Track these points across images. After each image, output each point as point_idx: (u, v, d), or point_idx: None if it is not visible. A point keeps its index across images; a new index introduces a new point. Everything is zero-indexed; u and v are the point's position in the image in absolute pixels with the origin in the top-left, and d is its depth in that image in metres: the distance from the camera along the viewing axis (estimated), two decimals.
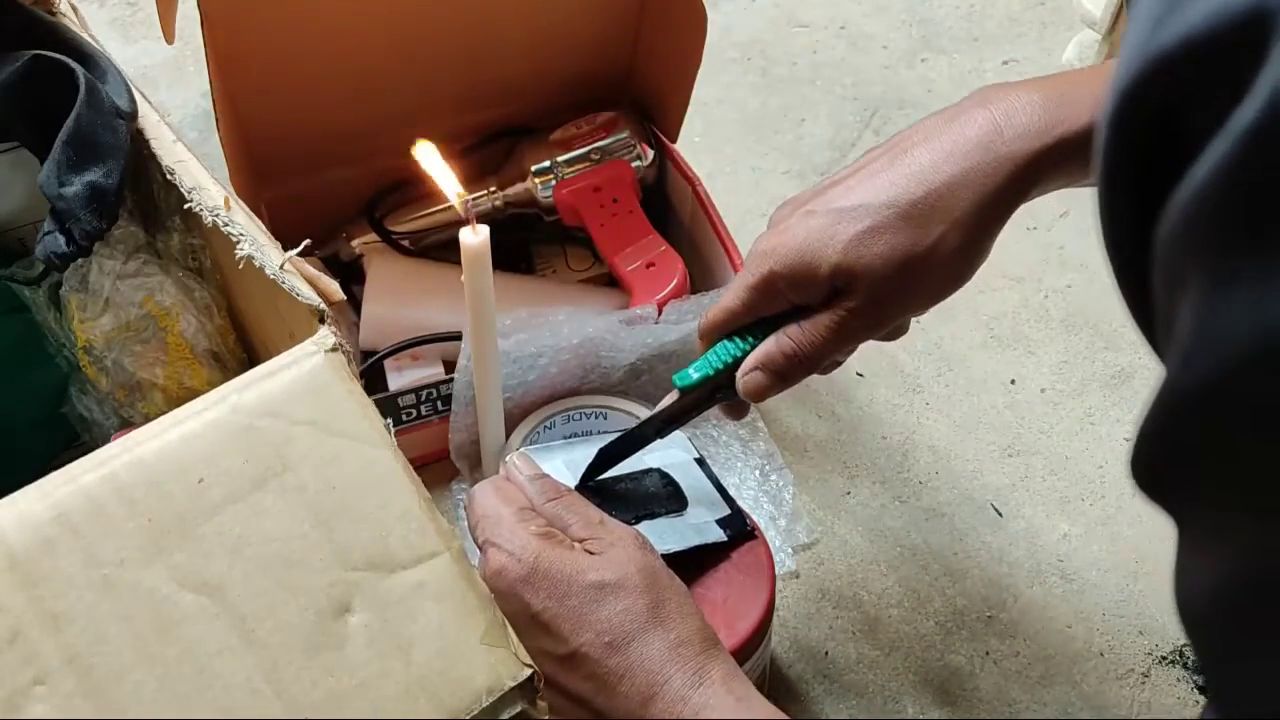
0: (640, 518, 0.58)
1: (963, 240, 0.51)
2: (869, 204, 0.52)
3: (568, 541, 0.51)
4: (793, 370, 0.55)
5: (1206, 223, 0.22)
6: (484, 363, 0.65)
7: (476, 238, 0.58)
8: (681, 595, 0.50)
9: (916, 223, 0.51)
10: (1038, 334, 0.86)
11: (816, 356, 0.54)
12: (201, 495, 0.41)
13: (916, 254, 0.51)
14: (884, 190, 0.52)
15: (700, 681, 0.46)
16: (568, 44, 0.84)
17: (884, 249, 0.51)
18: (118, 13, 1.17)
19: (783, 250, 0.53)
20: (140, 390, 0.66)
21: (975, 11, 1.14)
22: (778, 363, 0.54)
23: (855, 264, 0.51)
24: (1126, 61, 0.24)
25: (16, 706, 0.37)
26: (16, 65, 0.59)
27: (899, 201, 0.51)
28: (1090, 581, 0.73)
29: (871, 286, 0.52)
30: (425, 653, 0.41)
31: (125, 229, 0.64)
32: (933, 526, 0.76)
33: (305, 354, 0.44)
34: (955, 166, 0.51)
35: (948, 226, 0.51)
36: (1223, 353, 0.23)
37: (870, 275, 0.51)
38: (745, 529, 0.60)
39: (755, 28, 1.13)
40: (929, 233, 0.51)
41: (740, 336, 0.57)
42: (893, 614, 0.71)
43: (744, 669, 0.59)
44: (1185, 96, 0.23)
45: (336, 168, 0.83)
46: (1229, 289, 0.22)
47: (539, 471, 0.55)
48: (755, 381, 0.55)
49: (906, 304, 0.54)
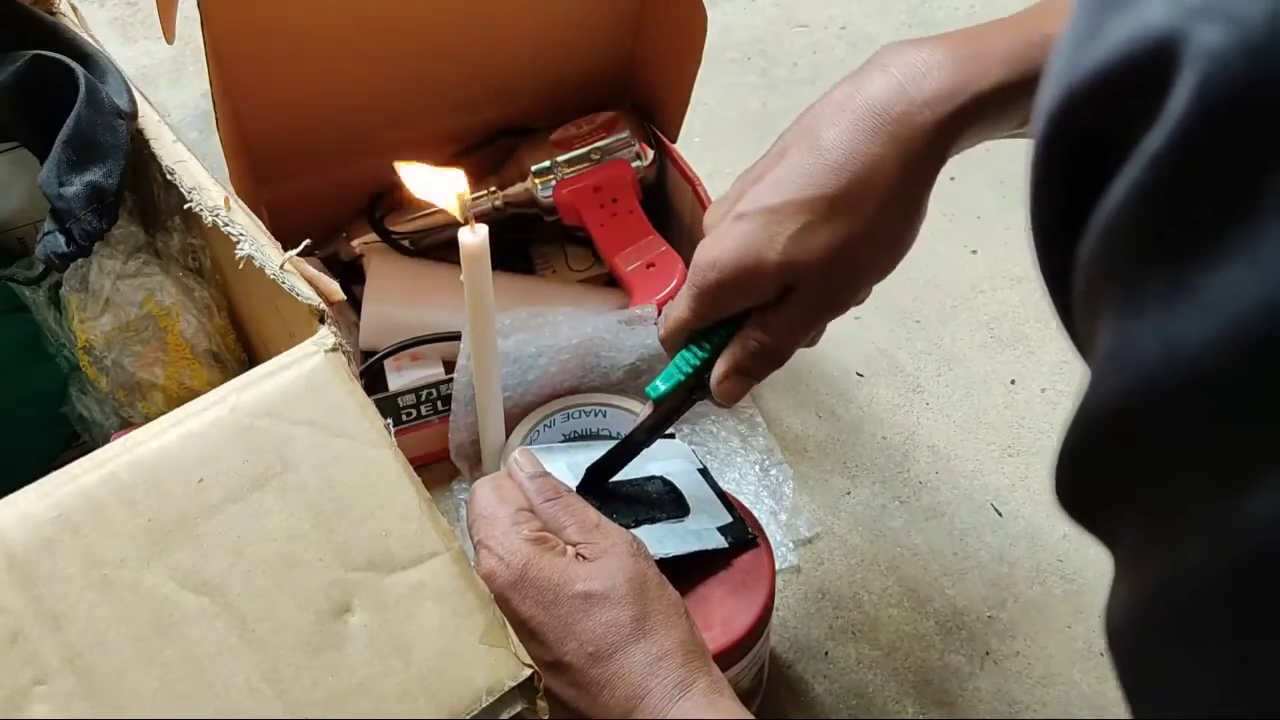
0: (640, 522, 0.58)
1: (896, 212, 0.52)
2: (797, 199, 0.52)
3: (560, 547, 0.51)
4: (764, 368, 0.55)
5: (1119, 245, 0.23)
6: (484, 363, 0.65)
7: (476, 237, 0.58)
8: (670, 606, 0.50)
9: (848, 209, 0.51)
10: (1038, 334, 0.86)
11: (784, 350, 0.55)
12: (201, 495, 0.41)
13: (856, 237, 0.52)
14: (809, 183, 0.52)
15: (681, 694, 0.46)
16: (568, 44, 0.84)
17: (824, 240, 0.52)
18: (118, 13, 1.17)
19: (724, 259, 0.53)
20: (140, 390, 0.66)
21: (975, 12, 1.14)
22: (747, 365, 0.55)
23: (799, 260, 0.52)
24: (1052, 86, 0.24)
25: (16, 706, 0.37)
26: (16, 65, 0.59)
27: (827, 193, 0.52)
28: (1090, 581, 0.73)
29: (821, 277, 0.52)
30: (425, 653, 0.41)
31: (125, 229, 0.64)
32: (933, 526, 0.76)
33: (305, 354, 0.44)
34: (873, 146, 0.51)
35: (878, 206, 0.51)
36: (1132, 372, 0.23)
37: (817, 267, 0.52)
38: (747, 537, 0.60)
39: (755, 28, 1.13)
40: (863, 215, 0.51)
41: (701, 342, 0.57)
42: (893, 614, 0.71)
43: (742, 666, 0.59)
44: (1105, 122, 0.23)
45: (336, 168, 0.83)
46: (1139, 310, 0.23)
47: (540, 470, 0.55)
48: (730, 388, 0.56)
49: (858, 282, 0.55)
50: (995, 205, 0.96)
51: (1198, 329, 0.21)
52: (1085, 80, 0.23)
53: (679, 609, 0.50)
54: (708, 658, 0.49)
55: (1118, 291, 0.23)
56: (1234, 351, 0.21)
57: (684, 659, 0.48)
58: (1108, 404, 0.24)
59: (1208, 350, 0.21)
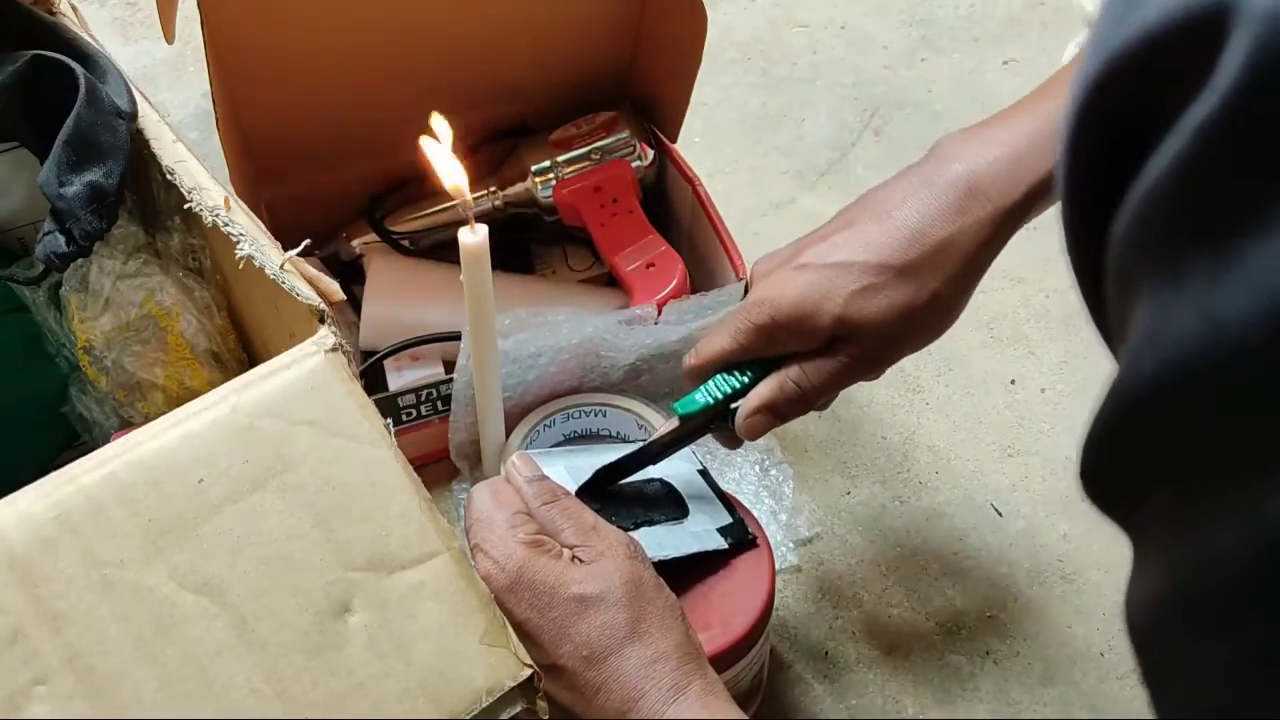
0: (639, 524, 0.58)
1: (954, 291, 0.56)
2: (865, 262, 0.55)
3: (556, 550, 0.51)
4: (793, 412, 0.58)
5: (1159, 219, 0.22)
6: (484, 363, 0.65)
7: (476, 237, 0.58)
8: (666, 608, 0.50)
9: (912, 280, 0.55)
10: (1038, 334, 0.86)
11: (815, 399, 0.58)
12: (201, 495, 0.41)
13: (914, 307, 0.55)
14: (878, 249, 0.56)
15: (676, 697, 0.47)
16: (568, 44, 0.84)
17: (884, 303, 0.55)
18: (118, 13, 1.17)
19: (782, 301, 0.56)
20: (140, 390, 0.66)
21: (975, 11, 1.14)
22: (780, 406, 0.58)
23: (857, 316, 0.55)
24: (1089, 59, 0.24)
25: (16, 706, 0.37)
26: (16, 65, 0.59)
27: (895, 261, 0.55)
28: (1090, 581, 0.73)
29: (873, 336, 0.56)
30: (425, 653, 0.41)
31: (125, 229, 0.64)
32: (933, 526, 0.76)
33: (305, 354, 0.44)
34: (943, 229, 0.55)
35: (941, 282, 0.55)
36: (1169, 350, 0.22)
37: (871, 326, 0.55)
38: (747, 537, 0.60)
39: (755, 28, 1.13)
40: (924, 288, 0.55)
41: (735, 373, 0.59)
42: (893, 614, 0.71)
43: (742, 666, 0.59)
44: (1144, 93, 0.23)
45: (336, 168, 0.83)
46: (1178, 285, 0.22)
47: (538, 473, 0.55)
48: (756, 424, 0.58)
49: (903, 349, 0.58)
50: None
51: (1241, 304, 0.21)
52: (1127, 48, 0.22)
53: (675, 611, 0.50)
54: (703, 660, 0.49)
55: (1156, 267, 0.23)
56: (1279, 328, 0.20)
57: (679, 662, 0.48)
58: (1142, 383, 0.24)
59: (1251, 326, 0.20)
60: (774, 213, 0.96)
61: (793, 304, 0.56)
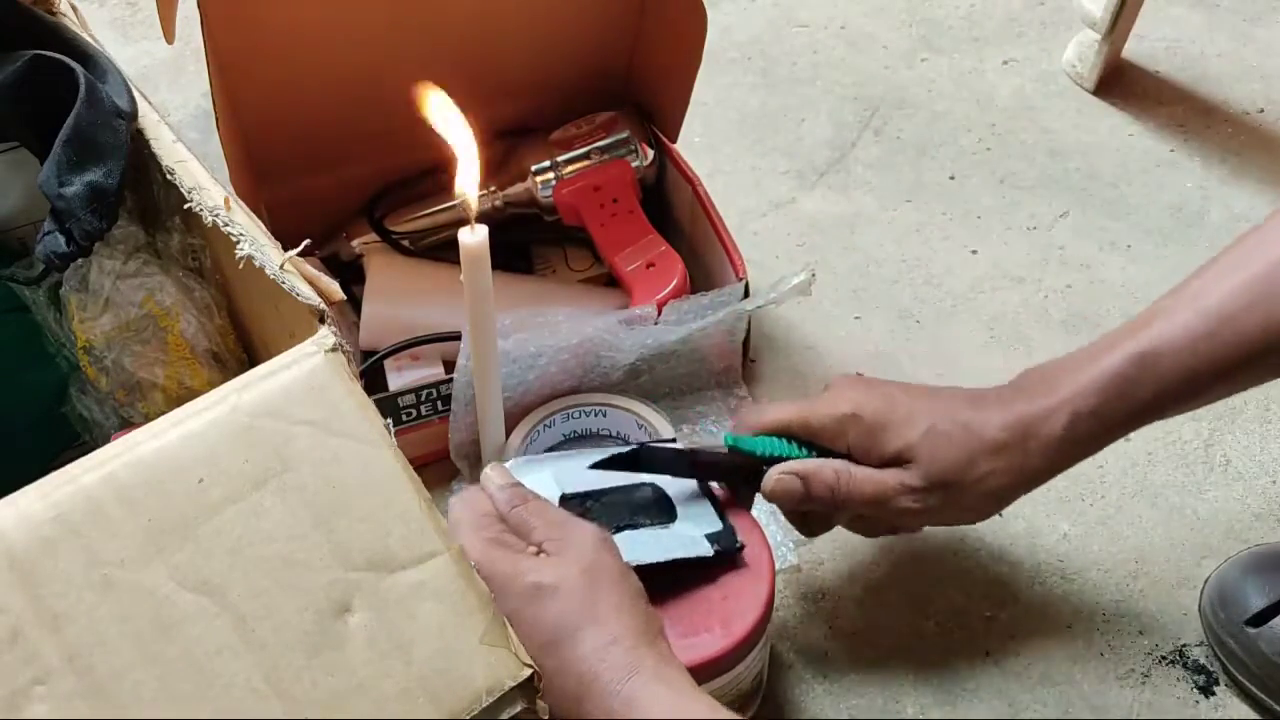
0: (622, 528, 0.59)
1: (1007, 486, 0.60)
2: (961, 412, 0.60)
3: (518, 546, 0.52)
4: (819, 498, 0.60)
5: None
6: (484, 363, 0.65)
7: (476, 237, 0.58)
8: (624, 593, 0.51)
9: (1004, 465, 0.59)
10: (1038, 334, 0.86)
11: (846, 503, 0.60)
12: (201, 495, 0.41)
13: (973, 476, 0.59)
14: (974, 417, 0.60)
15: (630, 675, 0.47)
16: (568, 44, 0.84)
17: (957, 453, 0.59)
18: (118, 13, 1.17)
19: (869, 405, 0.60)
20: (140, 390, 0.66)
21: (975, 11, 1.14)
22: (812, 480, 0.60)
23: (927, 448, 0.59)
24: None
25: (16, 706, 0.37)
26: (16, 65, 0.59)
27: (985, 432, 0.59)
28: (1090, 581, 0.73)
29: (927, 474, 0.59)
30: (425, 653, 0.41)
31: (125, 229, 0.64)
32: (933, 526, 0.76)
33: (305, 354, 0.44)
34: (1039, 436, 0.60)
35: (1011, 478, 0.60)
36: None
37: (933, 465, 0.59)
38: (735, 545, 0.60)
39: (755, 28, 1.13)
40: (1007, 476, 0.60)
41: (794, 444, 0.62)
42: (893, 614, 0.71)
43: (742, 667, 0.59)
44: None
45: (336, 168, 0.83)
46: None
47: (510, 480, 0.57)
48: (787, 485, 0.60)
49: (943, 509, 0.60)
50: (995, 205, 0.96)
51: None
52: None
53: (635, 596, 0.51)
54: (660, 640, 0.50)
55: None
56: None
57: (633, 643, 0.48)
58: None
59: None
60: (774, 213, 0.96)
61: (878, 410, 0.59)
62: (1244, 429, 0.80)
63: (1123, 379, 0.58)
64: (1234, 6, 1.14)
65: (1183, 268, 0.92)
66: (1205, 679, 0.68)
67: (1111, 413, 0.58)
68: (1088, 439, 0.60)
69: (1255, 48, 1.10)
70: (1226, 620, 0.67)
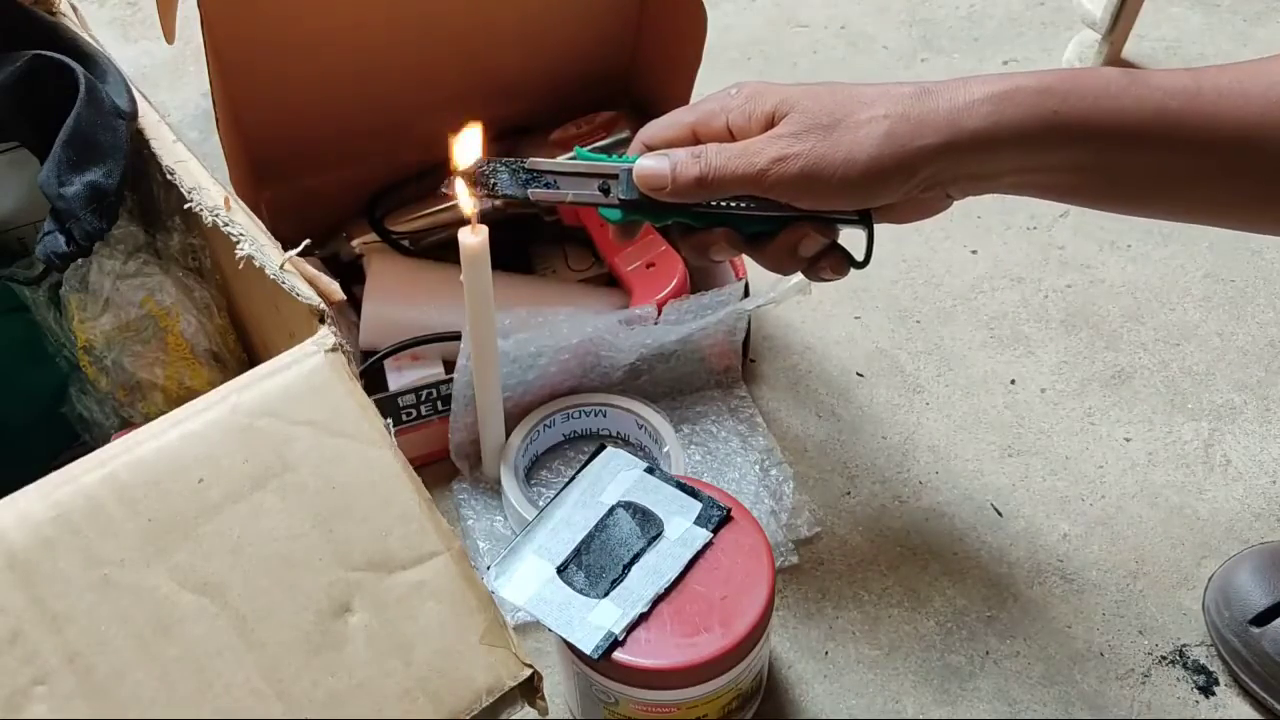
0: (628, 567, 0.58)
1: (897, 133, 0.52)
2: (822, 94, 0.54)
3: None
4: (685, 178, 0.54)
5: None
6: (484, 362, 0.65)
7: (476, 238, 0.58)
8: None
9: (875, 101, 0.53)
10: (1038, 334, 0.86)
11: (719, 175, 0.54)
12: (201, 495, 0.41)
13: (856, 117, 0.52)
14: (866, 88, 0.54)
15: None
16: (568, 44, 0.84)
17: (840, 98, 0.53)
18: (118, 13, 1.17)
19: (755, 85, 0.55)
20: (140, 390, 0.66)
21: (975, 11, 1.14)
22: (678, 155, 0.54)
23: (810, 97, 0.53)
24: None
25: (16, 706, 0.37)
26: (16, 65, 0.59)
27: (872, 88, 0.54)
28: (1090, 581, 0.73)
29: (801, 119, 0.53)
30: (425, 653, 0.41)
31: (125, 229, 0.64)
32: (933, 526, 0.76)
33: (305, 354, 0.44)
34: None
35: (897, 120, 0.52)
36: None
37: (809, 111, 0.53)
38: (723, 514, 0.60)
39: (755, 28, 1.13)
40: (888, 111, 0.52)
41: None
42: (893, 614, 0.71)
43: (742, 667, 0.59)
44: None
45: (336, 168, 0.83)
46: None
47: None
48: (651, 166, 0.54)
49: (823, 158, 0.52)
50: (995, 205, 0.96)
51: None
52: None
53: None
54: None
55: None
56: None
57: None
58: None
59: None
60: None
61: (759, 86, 0.55)
62: (1244, 429, 0.80)
63: (1055, 79, 0.51)
64: (1234, 6, 1.14)
65: (1183, 268, 0.93)
66: (1205, 679, 0.68)
67: (1026, 105, 0.51)
68: (993, 119, 0.51)
69: (1255, 48, 1.10)
70: (1230, 619, 0.67)
